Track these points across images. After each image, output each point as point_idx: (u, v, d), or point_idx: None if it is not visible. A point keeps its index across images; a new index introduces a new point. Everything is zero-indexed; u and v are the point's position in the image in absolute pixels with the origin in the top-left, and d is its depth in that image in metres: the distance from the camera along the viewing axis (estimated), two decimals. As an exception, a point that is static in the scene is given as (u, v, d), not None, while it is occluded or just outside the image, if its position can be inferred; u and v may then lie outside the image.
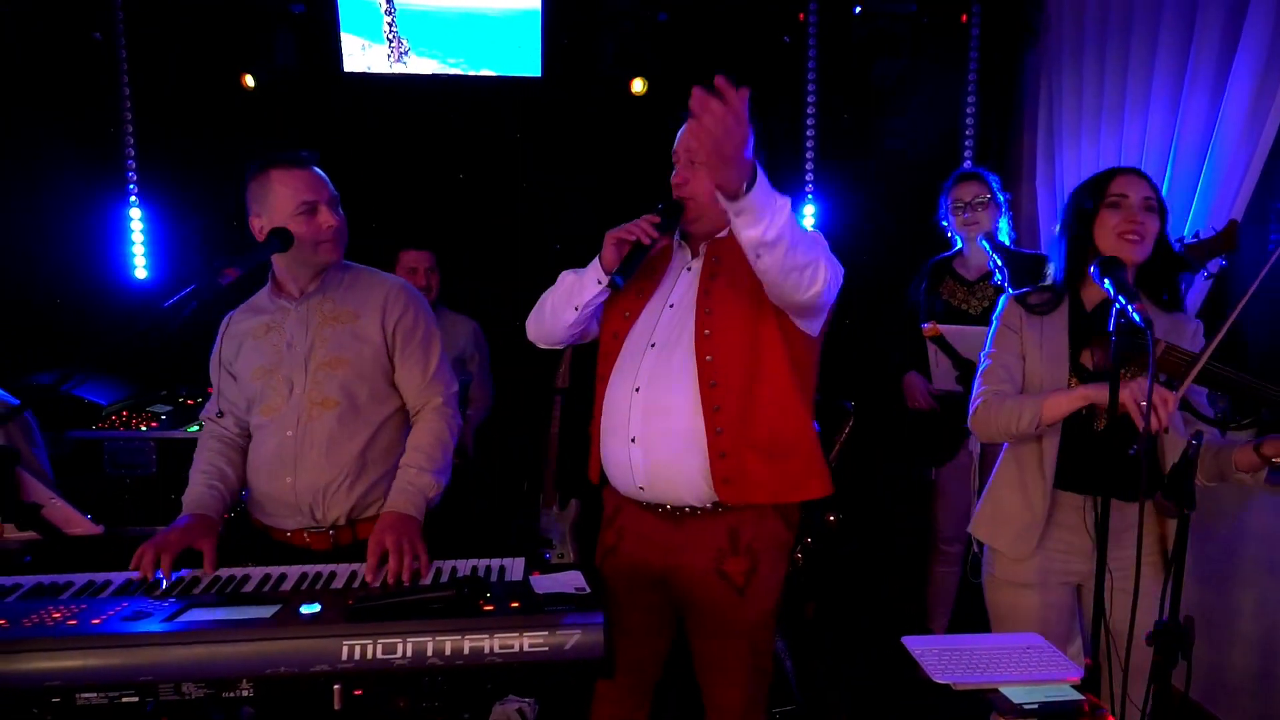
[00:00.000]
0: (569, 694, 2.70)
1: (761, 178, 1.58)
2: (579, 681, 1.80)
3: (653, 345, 1.92)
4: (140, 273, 3.50)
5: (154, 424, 3.24)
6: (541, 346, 2.12)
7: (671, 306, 1.95)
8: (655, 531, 1.96)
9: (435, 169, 3.60)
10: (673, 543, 1.93)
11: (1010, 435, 1.89)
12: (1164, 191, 2.80)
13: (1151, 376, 1.39)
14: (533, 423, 3.67)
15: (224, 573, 1.85)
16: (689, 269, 1.99)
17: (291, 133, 3.52)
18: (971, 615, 3.31)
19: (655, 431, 1.87)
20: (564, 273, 2.04)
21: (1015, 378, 1.91)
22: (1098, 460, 1.80)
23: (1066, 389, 1.81)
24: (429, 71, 3.47)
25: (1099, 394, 1.69)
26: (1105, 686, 1.67)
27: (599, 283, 1.92)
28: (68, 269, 3.44)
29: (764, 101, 3.76)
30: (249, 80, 3.26)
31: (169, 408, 3.43)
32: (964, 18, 3.67)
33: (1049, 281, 1.94)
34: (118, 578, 1.81)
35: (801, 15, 3.63)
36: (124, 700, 1.46)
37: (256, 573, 1.83)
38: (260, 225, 2.01)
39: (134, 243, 3.48)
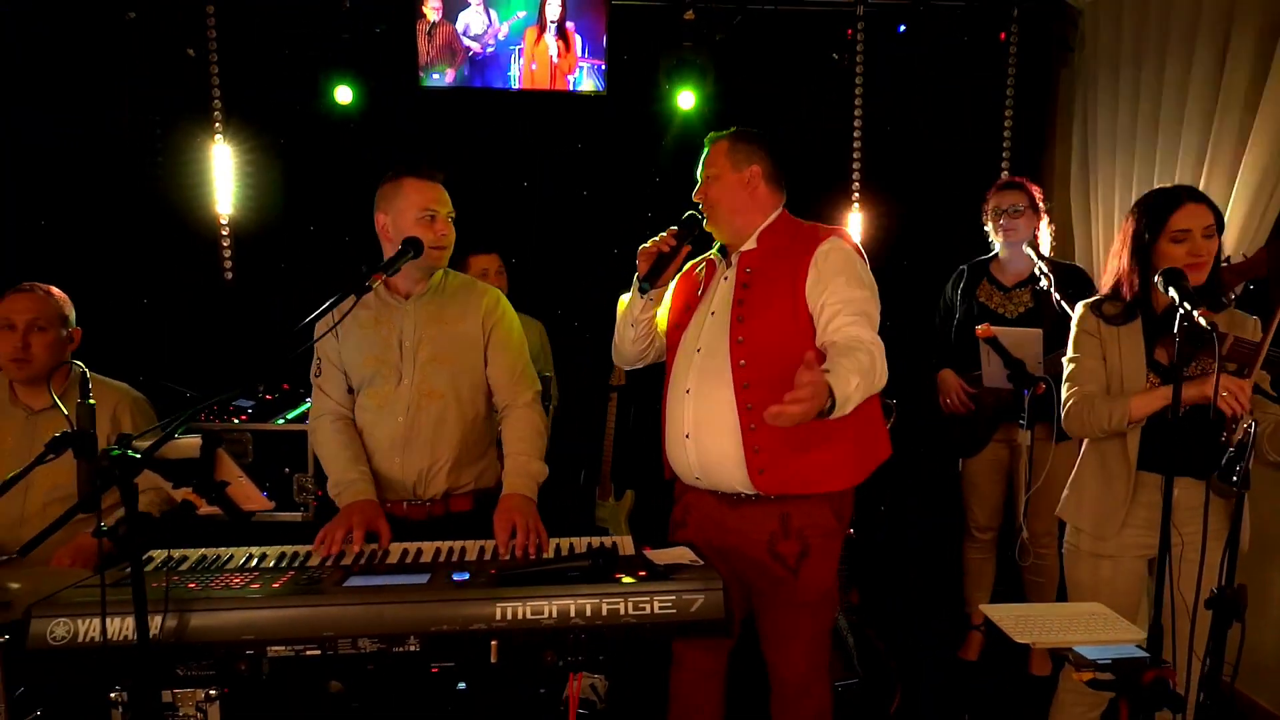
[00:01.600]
0: (637, 671, 2.90)
1: (836, 390, 1.77)
2: (691, 638, 1.99)
3: (698, 350, 2.14)
4: (227, 275, 3.71)
5: (243, 416, 3.44)
6: (626, 368, 2.40)
7: (713, 314, 2.16)
8: (715, 512, 2.17)
9: (502, 178, 3.80)
10: (729, 524, 2.14)
11: (1104, 432, 2.10)
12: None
13: (1219, 367, 1.60)
14: (589, 419, 3.87)
15: (365, 547, 2.05)
16: (725, 279, 2.20)
17: (371, 144, 3.73)
18: (1004, 599, 3.53)
19: (703, 428, 2.10)
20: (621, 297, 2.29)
21: (1099, 378, 2.12)
22: (1175, 444, 1.98)
23: (1150, 389, 2.02)
24: (499, 85, 3.68)
25: (1184, 396, 1.84)
26: (1169, 648, 1.87)
27: (643, 295, 2.17)
28: (161, 269, 3.66)
29: (814, 114, 3.97)
30: (345, 94, 3.47)
31: (251, 402, 3.64)
32: (1002, 36, 3.86)
33: (1110, 292, 2.15)
34: (272, 551, 2.02)
35: (850, 32, 3.83)
36: (307, 653, 1.67)
37: (395, 548, 2.04)
38: (384, 223, 2.24)
39: (224, 250, 3.69)
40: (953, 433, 3.40)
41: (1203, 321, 1.61)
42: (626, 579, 1.76)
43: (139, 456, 1.56)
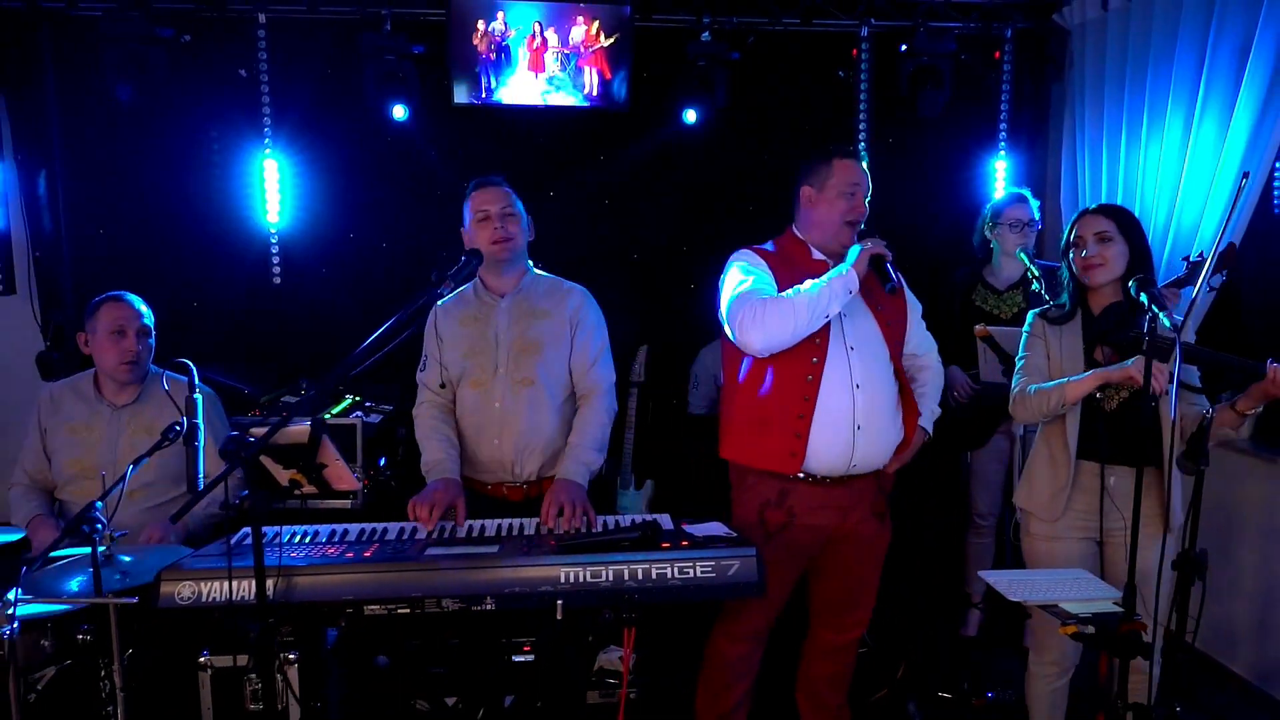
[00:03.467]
0: (664, 646, 3.15)
1: (930, 418, 2.52)
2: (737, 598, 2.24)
3: (852, 349, 2.37)
4: (276, 280, 3.97)
5: (284, 412, 3.70)
6: (766, 353, 2.32)
7: (845, 315, 2.37)
8: (823, 495, 2.39)
9: (529, 187, 4.04)
10: (841, 501, 2.41)
11: (1044, 414, 2.41)
12: (1175, 210, 3.30)
13: (1148, 354, 1.94)
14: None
15: (443, 525, 2.29)
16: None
17: (406, 156, 3.99)
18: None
19: (873, 420, 2.39)
20: (779, 297, 2.30)
21: (1043, 372, 2.43)
22: (1110, 433, 2.32)
23: (1082, 375, 2.30)
24: (525, 103, 3.93)
25: (1107, 377, 2.23)
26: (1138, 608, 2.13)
27: (850, 292, 2.28)
28: (217, 277, 3.92)
29: (821, 128, 4.23)
30: (400, 111, 3.72)
31: (294, 398, 3.89)
32: (997, 54, 4.13)
33: (1062, 299, 2.47)
34: (352, 527, 2.27)
35: (855, 51, 4.10)
36: (398, 612, 1.93)
37: (462, 525, 2.29)
38: (463, 230, 2.57)
39: (273, 249, 3.95)
40: (962, 428, 3.65)
41: (1168, 322, 1.89)
42: (671, 548, 2.02)
43: (253, 441, 1.82)
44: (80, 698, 2.32)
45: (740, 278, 2.40)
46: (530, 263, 2.67)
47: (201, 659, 2.43)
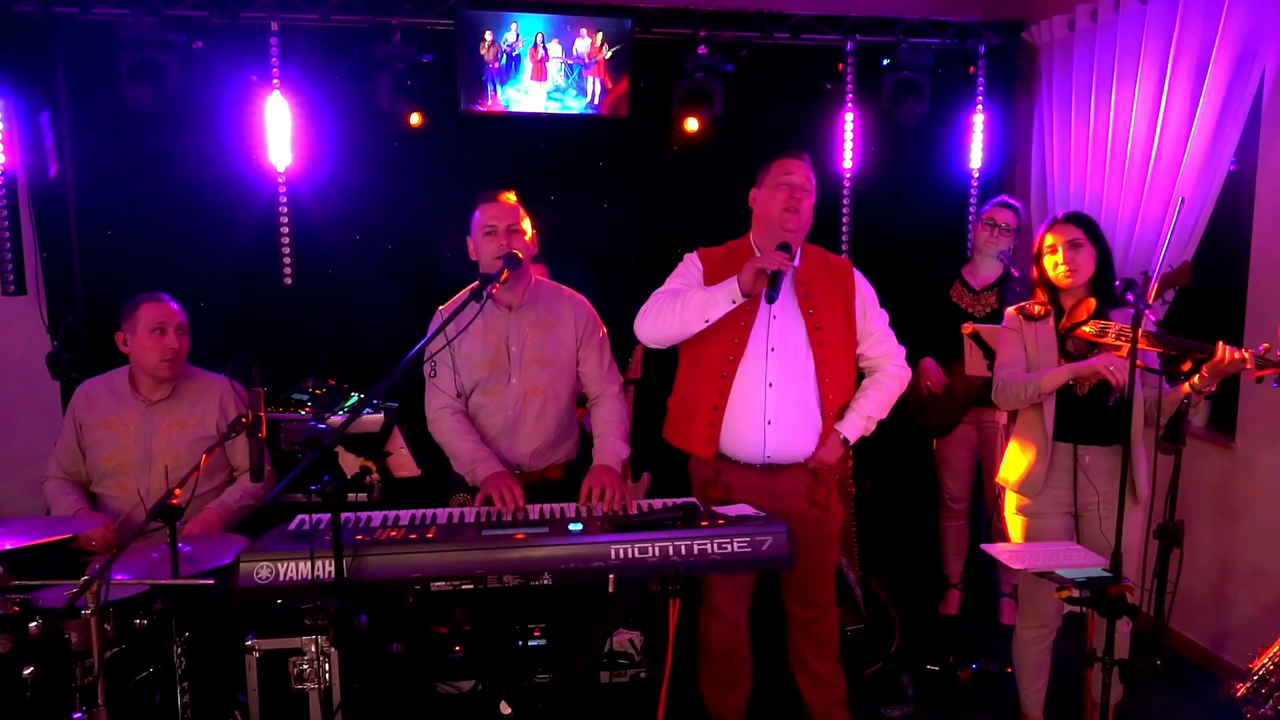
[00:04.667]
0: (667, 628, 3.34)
1: (851, 427, 2.61)
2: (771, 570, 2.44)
3: (773, 350, 2.57)
4: (287, 280, 4.06)
5: (305, 409, 3.81)
6: (652, 346, 2.64)
7: (775, 318, 2.57)
8: (758, 480, 2.60)
9: (531, 191, 4.19)
10: (775, 487, 2.59)
11: (1023, 403, 2.68)
12: (1138, 219, 3.59)
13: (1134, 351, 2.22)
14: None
15: (479, 510, 2.45)
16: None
17: (415, 162, 4.12)
18: (977, 561, 4.07)
19: (785, 416, 2.58)
20: (684, 291, 2.53)
21: (1021, 364, 2.69)
22: (1082, 417, 2.60)
23: (1057, 367, 2.58)
24: (529, 110, 4.09)
25: (1077, 371, 2.52)
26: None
27: (734, 301, 2.44)
28: (225, 278, 4.00)
29: (810, 136, 4.47)
30: (417, 118, 3.86)
31: (306, 396, 4.00)
32: (972, 70, 4.41)
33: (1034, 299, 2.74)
34: (402, 513, 2.42)
35: (840, 66, 4.33)
36: (462, 587, 2.09)
37: (506, 511, 2.45)
38: (468, 238, 2.69)
39: (284, 259, 4.04)
40: (929, 417, 3.90)
41: (1151, 320, 2.15)
42: (709, 526, 2.22)
43: (326, 429, 1.97)
44: (137, 682, 2.43)
45: (671, 279, 2.65)
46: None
47: (248, 642, 2.57)
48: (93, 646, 2.01)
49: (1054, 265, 2.65)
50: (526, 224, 2.70)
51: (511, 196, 2.72)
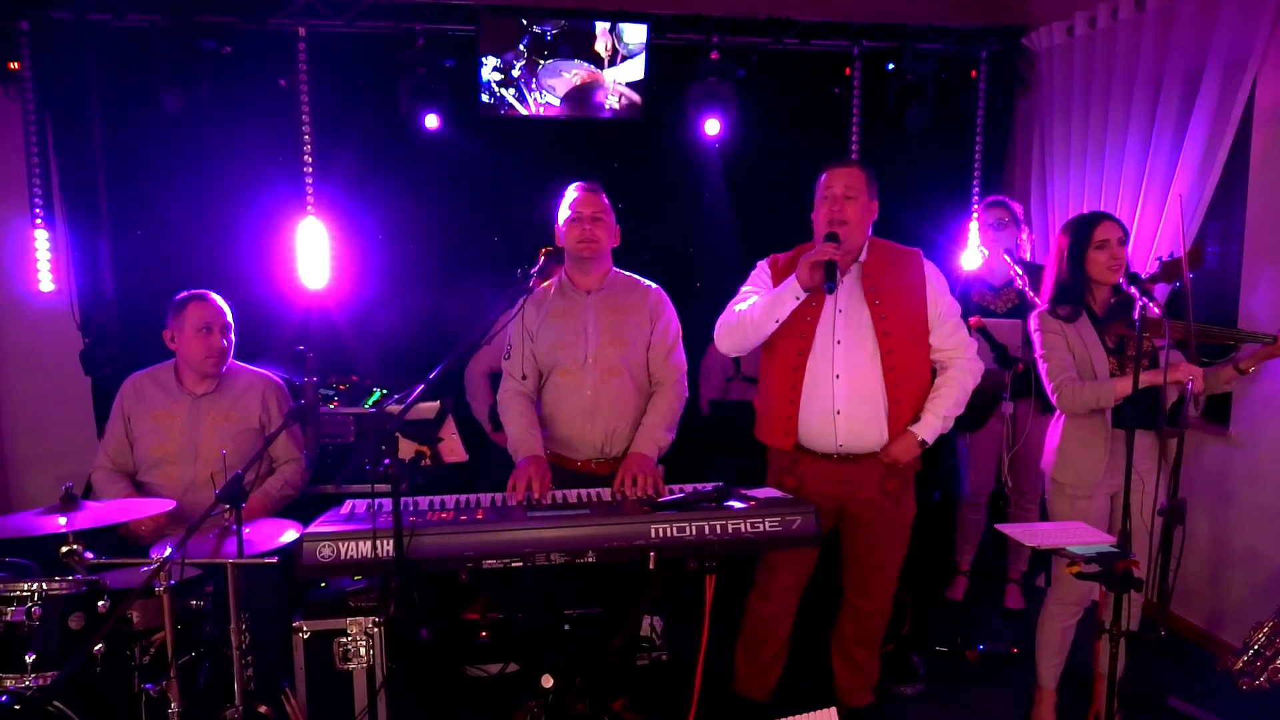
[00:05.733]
0: (689, 613, 3.46)
1: (928, 428, 2.67)
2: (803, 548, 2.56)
3: (838, 342, 2.66)
4: (313, 279, 4.18)
5: (334, 403, 3.92)
6: (735, 355, 2.85)
7: (841, 311, 2.68)
8: (832, 470, 2.69)
9: (549, 193, 4.31)
10: (846, 476, 2.70)
11: (1095, 409, 2.69)
12: (1135, 220, 3.74)
13: (1185, 349, 2.30)
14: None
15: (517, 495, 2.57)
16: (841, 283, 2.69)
17: (437, 162, 4.25)
18: (986, 551, 4.22)
19: (854, 405, 2.66)
20: (752, 298, 2.69)
21: (1072, 365, 2.73)
22: (1133, 403, 2.59)
23: (1126, 376, 2.59)
24: (549, 114, 4.22)
25: (1155, 379, 2.51)
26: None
27: (797, 298, 2.57)
28: (252, 278, 4.11)
29: (818, 139, 4.61)
30: (432, 121, 3.98)
31: (332, 391, 4.11)
32: (974, 74, 4.56)
33: (1057, 296, 2.78)
34: (447, 498, 2.54)
35: (847, 70, 4.49)
36: (512, 565, 2.21)
37: (547, 495, 2.57)
38: (556, 225, 2.82)
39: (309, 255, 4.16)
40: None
41: (1156, 310, 2.28)
42: (742, 507, 2.35)
43: (393, 417, 2.09)
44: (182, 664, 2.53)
45: (739, 294, 2.78)
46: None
47: (295, 623, 2.69)
48: (165, 623, 2.13)
49: (1110, 259, 2.69)
50: (612, 216, 2.84)
51: (599, 189, 2.84)
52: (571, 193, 2.81)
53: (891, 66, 4.42)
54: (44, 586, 2.24)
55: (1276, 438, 3.34)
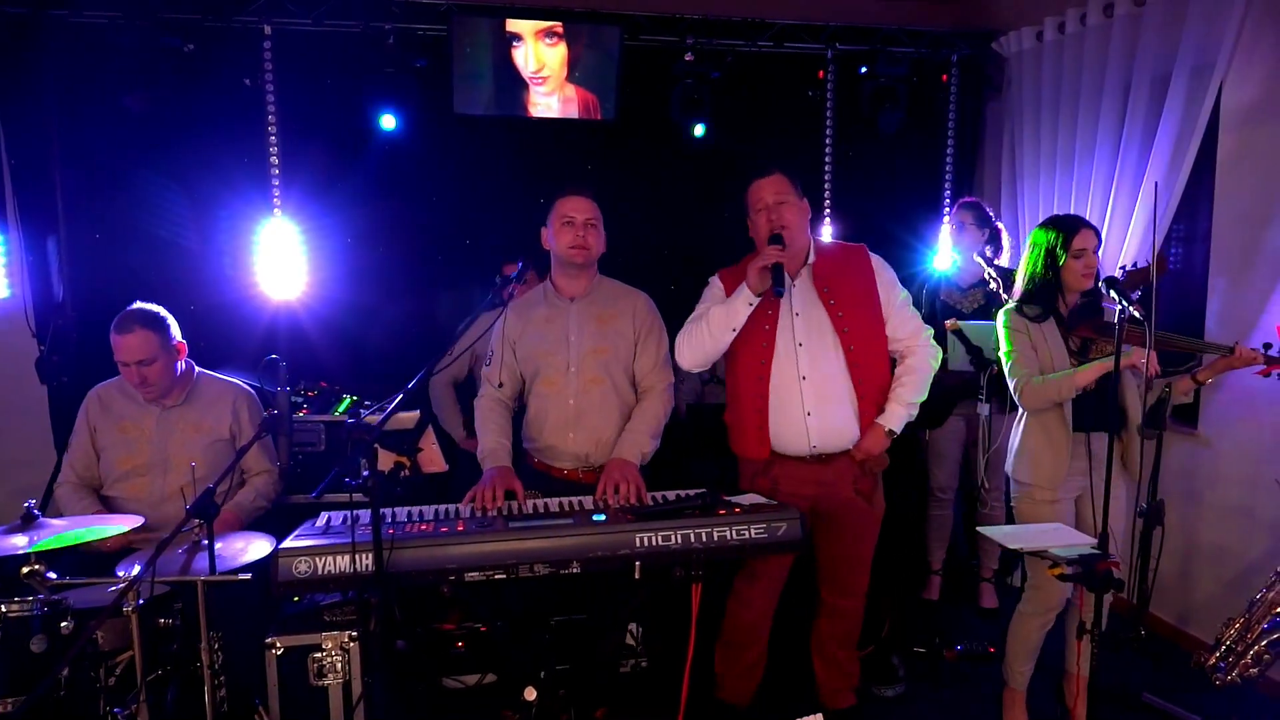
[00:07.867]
0: (667, 621, 3.44)
1: (894, 417, 2.69)
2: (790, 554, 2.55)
3: (800, 345, 2.66)
4: (278, 288, 4.08)
5: (303, 410, 3.83)
6: (696, 370, 2.76)
7: (798, 314, 2.68)
8: (808, 472, 2.69)
9: (522, 193, 4.26)
10: (822, 477, 2.70)
11: (1055, 402, 2.72)
12: (1106, 225, 3.79)
13: (1150, 344, 2.32)
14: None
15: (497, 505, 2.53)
16: (794, 286, 2.70)
17: (407, 164, 4.17)
18: (959, 549, 4.25)
19: (823, 405, 2.66)
20: (707, 311, 2.65)
21: (1034, 363, 2.77)
22: (1089, 406, 2.69)
23: (1088, 365, 2.64)
24: (521, 114, 4.17)
25: (1108, 367, 2.54)
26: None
27: (749, 304, 2.59)
28: (217, 282, 4.01)
29: (792, 141, 4.62)
30: (389, 121, 3.90)
31: (301, 398, 4.02)
32: (944, 78, 4.60)
33: (1025, 296, 2.82)
34: (426, 509, 2.48)
35: (821, 74, 4.51)
36: (495, 577, 2.17)
37: (527, 503, 2.53)
38: (544, 229, 2.77)
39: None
40: (921, 409, 4.05)
41: (1137, 314, 2.31)
42: (727, 514, 2.33)
43: (373, 427, 2.03)
44: (149, 682, 2.45)
45: (695, 310, 2.75)
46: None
47: (268, 639, 2.61)
48: (133, 644, 2.05)
49: (1085, 268, 2.73)
50: (601, 223, 2.80)
51: (591, 194, 2.80)
52: (565, 197, 2.75)
53: (864, 69, 4.45)
54: (3, 609, 2.15)
55: (1244, 436, 3.41)
